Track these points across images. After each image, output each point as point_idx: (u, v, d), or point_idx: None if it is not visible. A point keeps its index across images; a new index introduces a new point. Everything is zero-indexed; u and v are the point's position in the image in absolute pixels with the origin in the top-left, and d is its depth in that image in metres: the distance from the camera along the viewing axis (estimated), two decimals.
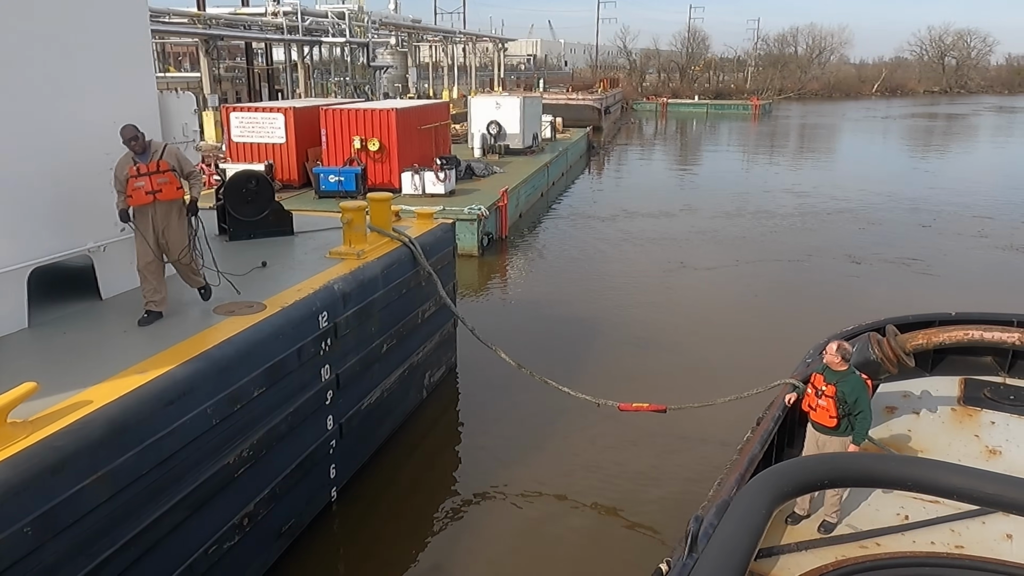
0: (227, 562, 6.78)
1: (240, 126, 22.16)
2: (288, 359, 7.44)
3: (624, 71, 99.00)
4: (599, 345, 13.96)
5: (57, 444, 4.98)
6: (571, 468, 9.75)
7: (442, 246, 11.70)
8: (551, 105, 44.88)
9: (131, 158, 7.00)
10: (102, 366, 6.06)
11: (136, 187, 6.96)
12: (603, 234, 23.21)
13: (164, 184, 7.04)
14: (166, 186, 7.05)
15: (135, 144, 6.98)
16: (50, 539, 4.84)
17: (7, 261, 6.70)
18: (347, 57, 44.88)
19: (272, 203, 10.48)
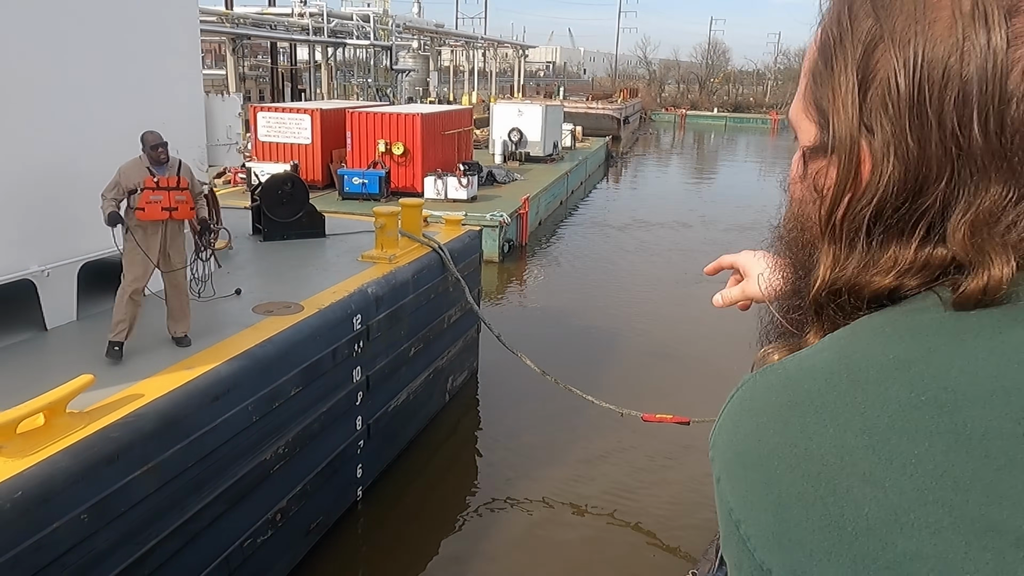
0: (260, 556, 6.95)
1: (267, 126, 22.44)
2: (324, 360, 7.62)
3: (643, 81, 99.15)
4: (619, 354, 14.09)
5: (112, 435, 5.17)
6: (591, 477, 9.88)
7: (469, 252, 11.88)
8: (571, 113, 45.07)
9: (146, 167, 6.47)
10: (150, 360, 6.26)
11: (151, 201, 6.42)
12: (621, 243, 23.34)
13: (181, 203, 6.62)
14: (182, 205, 6.64)
15: (161, 153, 6.52)
16: (103, 526, 5.03)
17: (59, 256, 6.92)
18: (370, 60, 45.28)
19: (306, 205, 10.69)
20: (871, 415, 0.56)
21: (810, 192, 0.72)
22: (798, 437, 0.59)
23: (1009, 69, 0.58)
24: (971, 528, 0.51)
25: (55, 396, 5.04)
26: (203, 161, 8.67)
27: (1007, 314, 0.59)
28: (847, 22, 0.67)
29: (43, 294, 6.83)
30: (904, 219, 0.64)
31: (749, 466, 0.61)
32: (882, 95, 0.63)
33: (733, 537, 0.61)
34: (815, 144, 0.70)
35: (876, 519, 0.53)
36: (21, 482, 4.53)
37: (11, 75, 6.39)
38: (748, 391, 0.65)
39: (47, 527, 4.59)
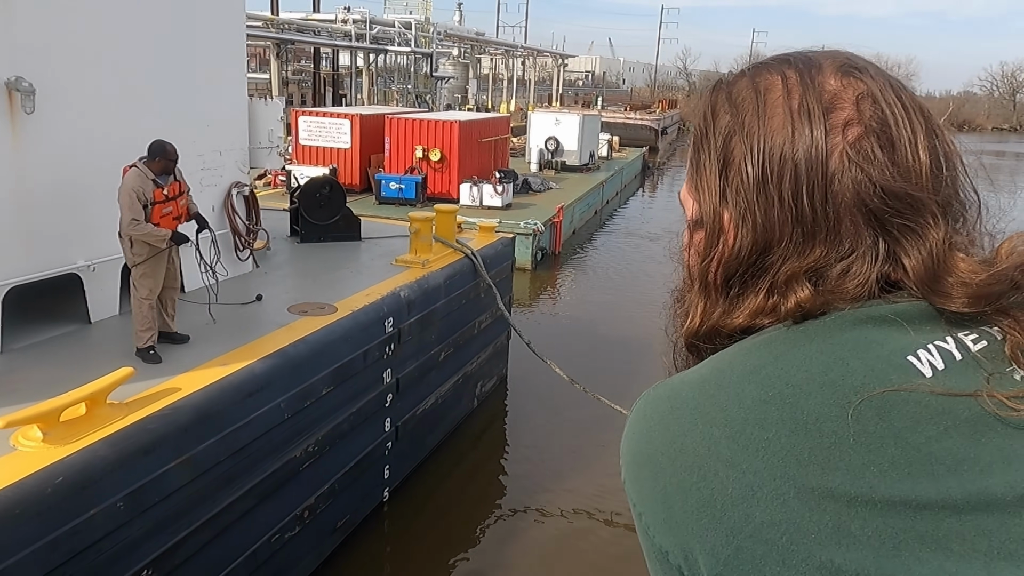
0: (287, 552, 7.07)
1: (308, 129, 22.84)
2: (355, 361, 7.74)
3: (683, 92, 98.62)
4: (649, 366, 14.01)
5: (150, 427, 5.32)
6: (616, 490, 9.82)
7: (501, 260, 11.96)
8: (608, 123, 45.02)
9: (151, 179, 6.36)
10: (187, 356, 6.44)
11: (164, 214, 6.43)
12: (655, 254, 23.23)
13: (183, 208, 6.72)
14: (184, 210, 6.73)
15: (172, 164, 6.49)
16: (138, 515, 5.17)
17: (104, 252, 7.15)
18: (410, 66, 45.79)
19: (343, 209, 10.88)
20: (731, 411, 0.69)
21: (694, 257, 0.87)
22: (676, 435, 0.71)
23: (829, 154, 0.74)
24: (812, 496, 0.63)
25: (97, 387, 5.22)
26: (244, 163, 8.88)
27: (833, 322, 0.74)
28: (710, 117, 0.84)
29: (88, 288, 7.07)
30: (755, 274, 0.79)
31: (642, 464, 0.74)
32: (736, 176, 0.79)
33: (639, 527, 0.73)
34: (695, 217, 0.85)
35: (738, 496, 0.65)
36: (62, 468, 4.69)
37: (62, 76, 6.63)
38: (642, 403, 0.79)
39: (85, 513, 4.75)
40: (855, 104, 0.76)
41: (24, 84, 6.00)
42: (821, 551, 0.62)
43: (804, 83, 0.78)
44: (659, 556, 0.71)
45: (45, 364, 6.23)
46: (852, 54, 0.82)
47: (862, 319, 0.73)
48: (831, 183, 0.74)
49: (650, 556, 0.73)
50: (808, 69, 0.79)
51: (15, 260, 6.34)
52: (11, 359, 6.28)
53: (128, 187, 6.23)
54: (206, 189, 8.19)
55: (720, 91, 0.85)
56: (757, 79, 0.81)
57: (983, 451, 0.64)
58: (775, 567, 0.63)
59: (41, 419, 4.87)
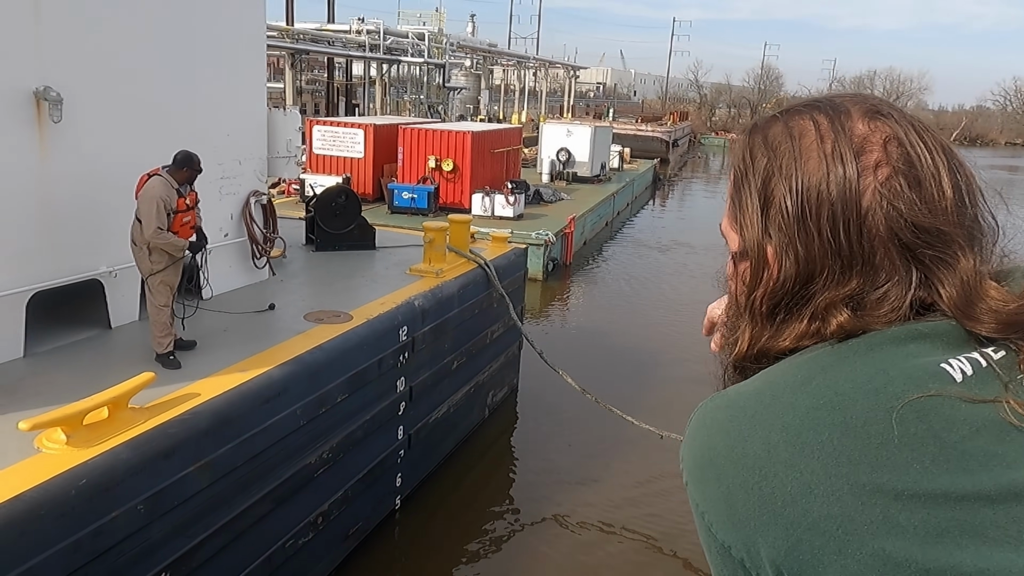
0: (300, 558, 7.13)
1: (322, 139, 23.04)
2: (370, 368, 7.81)
3: (694, 105, 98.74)
4: (659, 377, 14.04)
5: (170, 431, 5.41)
6: (627, 499, 9.86)
7: (514, 270, 12.03)
8: (620, 135, 45.15)
9: (175, 188, 6.47)
10: (206, 361, 6.53)
11: (184, 222, 6.58)
12: (665, 265, 23.27)
13: (197, 217, 6.87)
14: (196, 218, 6.86)
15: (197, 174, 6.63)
16: (157, 518, 5.25)
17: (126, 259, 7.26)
18: (423, 77, 46.11)
19: (358, 218, 10.99)
20: (787, 418, 0.77)
21: (740, 286, 0.95)
22: (737, 441, 0.79)
23: (862, 192, 0.83)
24: (863, 491, 0.71)
25: (119, 391, 5.31)
26: (263, 172, 9.01)
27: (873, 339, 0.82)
28: (749, 160, 0.92)
29: (110, 294, 7.18)
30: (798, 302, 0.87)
31: (704, 467, 0.81)
32: (776, 213, 0.87)
33: (701, 526, 0.81)
34: (738, 250, 0.94)
35: (797, 493, 0.73)
36: (86, 471, 4.78)
37: (88, 86, 6.77)
38: (700, 413, 0.87)
39: (107, 515, 4.83)
40: (883, 146, 0.85)
41: (52, 94, 6.13)
42: (873, 541, 0.69)
43: (835, 128, 0.86)
44: (721, 551, 0.78)
45: (67, 368, 6.34)
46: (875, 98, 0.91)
47: (900, 336, 0.81)
48: (865, 219, 0.83)
49: (712, 552, 0.80)
50: (837, 115, 0.88)
51: (40, 266, 6.47)
52: (34, 362, 6.39)
53: (154, 196, 6.29)
54: (225, 197, 8.31)
55: (756, 135, 0.94)
56: (790, 124, 0.90)
57: (1009, 449, 0.72)
58: (832, 556, 0.70)
59: (65, 422, 4.96)
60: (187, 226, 6.66)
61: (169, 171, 6.48)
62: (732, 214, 0.95)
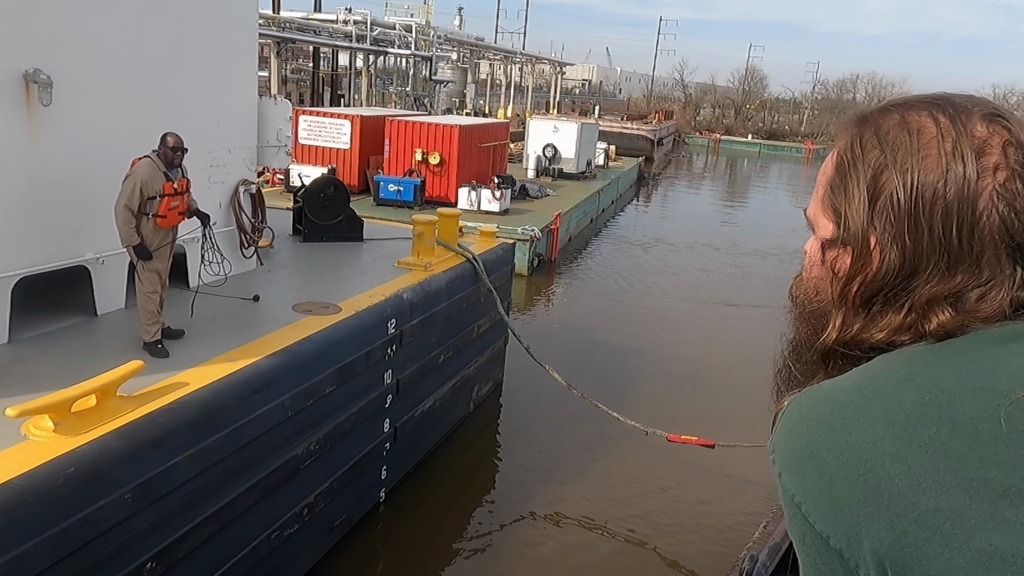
0: (286, 549, 7.11)
1: (308, 129, 22.86)
2: (358, 361, 7.79)
3: (679, 104, 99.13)
4: (643, 374, 14.14)
5: (159, 420, 5.37)
6: (611, 495, 9.93)
7: (502, 265, 12.04)
8: (605, 132, 45.23)
9: (163, 172, 6.37)
10: (195, 351, 6.48)
11: (172, 207, 6.44)
12: (648, 263, 23.41)
13: (187, 203, 6.75)
14: (186, 204, 6.75)
15: (181, 156, 6.48)
16: (145, 507, 5.22)
17: (113, 246, 7.18)
18: (409, 69, 45.87)
19: (346, 210, 10.94)
20: (893, 413, 0.78)
21: (827, 273, 0.96)
22: (839, 433, 0.79)
23: (979, 194, 0.84)
24: (970, 486, 0.72)
25: (107, 379, 5.26)
26: (252, 161, 8.94)
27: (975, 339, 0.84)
28: (858, 150, 0.92)
29: (96, 281, 7.10)
30: (897, 294, 0.88)
31: (804, 459, 0.81)
32: (886, 205, 0.88)
33: (797, 517, 0.82)
34: (832, 237, 0.95)
35: (904, 486, 0.74)
36: (74, 459, 4.73)
37: (79, 70, 6.67)
38: (796, 405, 0.86)
39: (94, 504, 4.79)
40: (1002, 150, 0.86)
41: (42, 76, 6.04)
42: (980, 535, 0.70)
43: (956, 128, 0.87)
44: (818, 542, 0.79)
45: (53, 355, 6.26)
46: (991, 101, 0.92)
47: (1002, 336, 0.83)
48: (979, 220, 0.85)
49: (806, 542, 0.81)
50: (958, 114, 0.88)
51: (26, 250, 6.38)
52: (19, 349, 6.31)
53: (136, 175, 6.21)
54: (214, 186, 8.24)
55: (867, 126, 0.94)
56: (908, 119, 0.90)
57: None
58: (938, 549, 0.71)
59: (53, 409, 4.91)
60: (175, 211, 6.55)
61: (157, 154, 6.42)
62: (829, 202, 0.95)
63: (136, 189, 6.19)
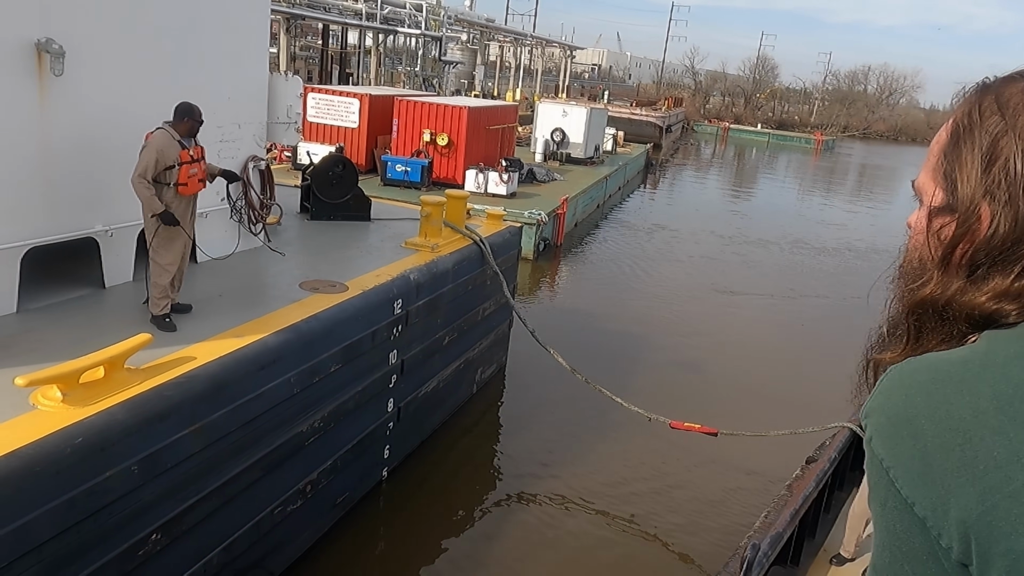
0: (288, 525, 7.17)
1: (316, 107, 22.77)
2: (364, 340, 7.81)
3: (689, 91, 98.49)
4: (647, 361, 14.15)
5: (166, 393, 5.39)
6: (612, 480, 9.97)
7: (508, 248, 12.02)
8: (614, 118, 44.94)
9: (177, 141, 6.40)
10: (203, 326, 6.50)
11: (191, 174, 6.46)
12: (654, 249, 23.37)
13: (204, 171, 6.77)
14: (204, 173, 6.78)
15: (198, 125, 6.54)
16: (150, 480, 5.25)
17: (122, 218, 7.19)
18: (419, 49, 45.61)
19: (355, 188, 10.91)
20: (999, 388, 0.78)
21: (933, 239, 0.95)
22: (940, 403, 0.79)
23: None
24: None
25: (115, 351, 5.27)
26: (262, 137, 8.91)
27: None
28: (976, 117, 0.92)
29: (104, 253, 7.10)
30: (1005, 259, 0.87)
31: (899, 425, 0.81)
32: (1002, 170, 0.87)
33: (882, 482, 0.83)
34: (941, 204, 0.94)
35: (1003, 459, 0.74)
36: (81, 429, 4.76)
37: (90, 41, 6.63)
38: (896, 373, 0.86)
39: (101, 475, 4.82)
40: None
41: (54, 46, 6.01)
42: None
43: None
44: (902, 507, 0.79)
45: (61, 326, 6.28)
46: None
47: None
48: None
49: (887, 506, 0.82)
50: None
51: (36, 221, 6.38)
52: (27, 319, 6.32)
53: (152, 146, 6.22)
54: (223, 161, 8.19)
55: (987, 94, 0.93)
56: None
57: None
58: None
59: (62, 380, 4.93)
60: (194, 178, 6.54)
61: (171, 124, 6.41)
62: (941, 168, 0.94)
63: (152, 159, 6.20)
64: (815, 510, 6.76)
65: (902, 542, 0.80)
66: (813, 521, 6.80)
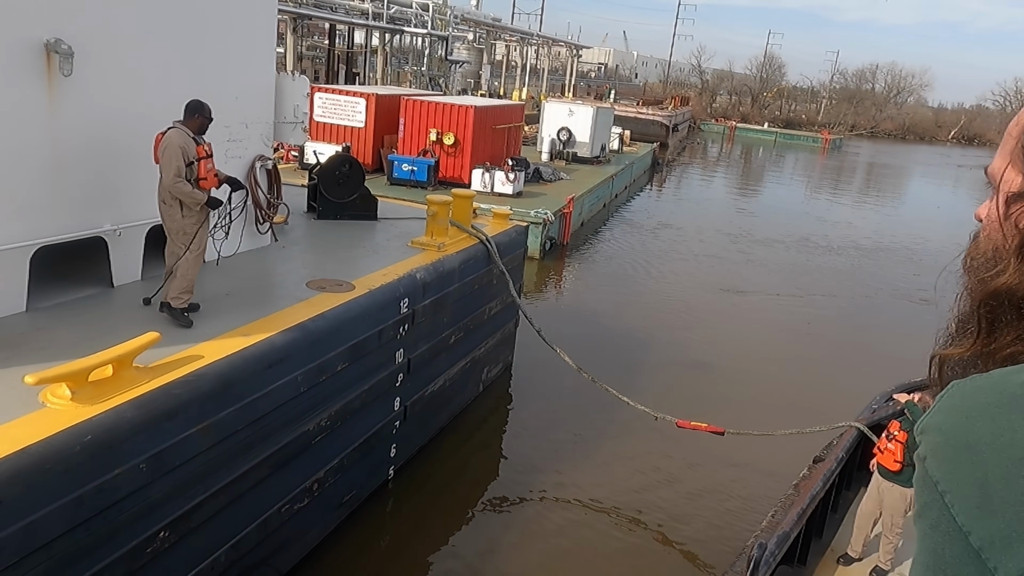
0: (295, 523, 7.19)
1: (323, 106, 22.83)
2: (370, 339, 7.82)
3: (695, 90, 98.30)
4: (652, 361, 14.14)
5: (174, 392, 5.42)
6: (617, 480, 9.97)
7: (514, 247, 12.03)
8: (620, 117, 44.93)
9: (191, 137, 6.52)
10: (210, 324, 6.52)
11: (208, 169, 6.61)
12: (660, 250, 23.33)
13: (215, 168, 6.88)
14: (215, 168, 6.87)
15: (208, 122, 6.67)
16: (159, 477, 5.28)
17: (130, 218, 7.22)
18: (425, 48, 45.66)
19: (361, 188, 10.94)
20: None
21: (1009, 227, 0.90)
22: (1004, 429, 0.73)
23: None
24: None
25: (124, 350, 5.30)
26: (269, 137, 8.93)
27: None
28: None
29: (113, 252, 7.14)
30: None
31: (959, 449, 0.75)
32: None
33: (935, 504, 0.76)
34: (1020, 190, 0.88)
35: None
36: (90, 427, 4.78)
37: (99, 41, 6.67)
38: (958, 391, 0.80)
39: (110, 472, 4.85)
40: None
41: (63, 46, 6.04)
42: None
43: None
44: (955, 534, 0.73)
45: (70, 325, 6.32)
46: None
47: None
48: None
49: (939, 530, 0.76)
50: None
51: (45, 220, 6.41)
52: (36, 318, 6.36)
53: (174, 143, 6.31)
54: (231, 160, 8.24)
55: None
56: None
57: None
58: None
59: (70, 378, 4.95)
60: (211, 172, 6.64)
61: (182, 122, 6.50)
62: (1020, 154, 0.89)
63: (179, 156, 6.31)
64: (822, 510, 6.74)
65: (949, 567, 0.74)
66: (820, 521, 6.79)
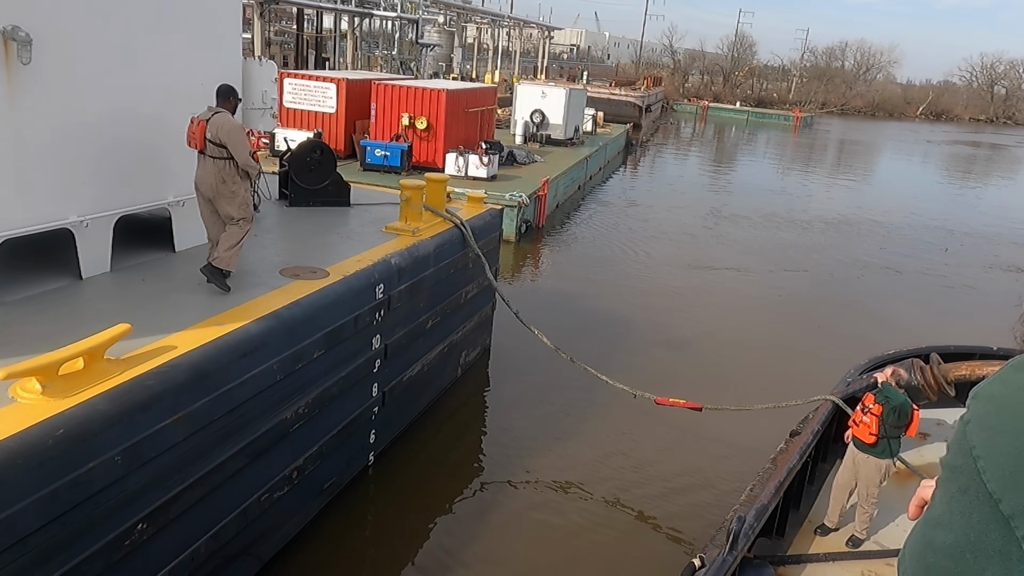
0: (275, 511, 7.17)
1: (293, 92, 22.53)
2: (346, 326, 7.78)
3: (667, 70, 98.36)
4: (629, 340, 14.23)
5: (147, 383, 5.35)
6: (598, 457, 10.05)
7: (490, 231, 12.01)
8: (593, 98, 44.86)
9: None
10: (183, 314, 6.45)
11: (253, 143, 7.45)
12: (636, 229, 23.43)
13: None
14: None
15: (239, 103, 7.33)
16: (135, 470, 5.22)
17: (97, 208, 7.09)
18: (395, 32, 45.17)
19: (334, 174, 10.83)
20: None
21: None
22: None
23: None
24: None
25: (95, 342, 5.22)
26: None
27: None
28: None
29: (80, 244, 7.01)
30: None
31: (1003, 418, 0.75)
32: None
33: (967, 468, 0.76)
34: None
35: None
36: (62, 421, 4.71)
37: (59, 28, 6.51)
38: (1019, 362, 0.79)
39: (84, 466, 4.79)
40: None
41: (21, 34, 5.88)
42: None
43: None
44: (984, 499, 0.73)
45: (39, 318, 6.20)
46: None
47: None
48: None
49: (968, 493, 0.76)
50: None
51: (10, 212, 6.27)
52: (4, 312, 6.23)
53: (237, 125, 6.91)
54: None
55: None
56: None
57: None
58: None
59: (40, 372, 4.87)
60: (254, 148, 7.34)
61: (220, 105, 7.00)
62: None
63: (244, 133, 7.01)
64: (799, 482, 6.86)
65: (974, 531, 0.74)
66: (797, 493, 6.91)
